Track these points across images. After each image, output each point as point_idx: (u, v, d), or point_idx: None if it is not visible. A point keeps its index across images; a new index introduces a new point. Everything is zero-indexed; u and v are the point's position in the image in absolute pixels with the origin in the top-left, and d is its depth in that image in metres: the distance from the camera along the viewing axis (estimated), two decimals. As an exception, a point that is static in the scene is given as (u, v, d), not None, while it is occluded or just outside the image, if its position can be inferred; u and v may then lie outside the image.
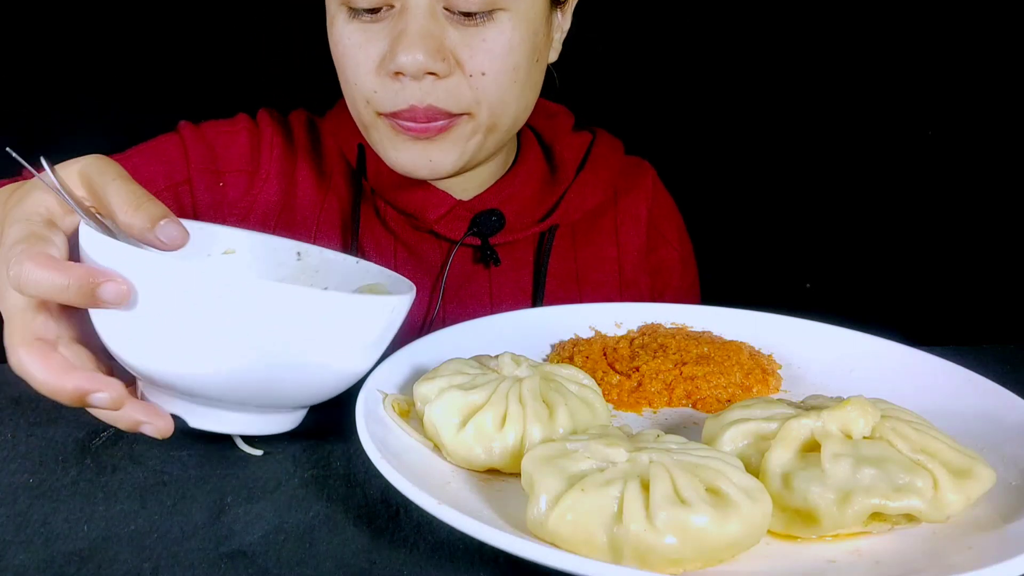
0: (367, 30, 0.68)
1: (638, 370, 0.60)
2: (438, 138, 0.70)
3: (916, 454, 0.43)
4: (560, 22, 0.77)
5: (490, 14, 0.67)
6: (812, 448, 0.44)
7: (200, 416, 0.51)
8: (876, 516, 0.41)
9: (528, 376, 0.51)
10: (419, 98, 0.68)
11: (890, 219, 1.45)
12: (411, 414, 0.53)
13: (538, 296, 0.82)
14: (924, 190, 1.44)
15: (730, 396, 0.59)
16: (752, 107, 1.42)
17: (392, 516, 0.47)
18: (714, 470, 0.41)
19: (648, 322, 0.69)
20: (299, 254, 0.63)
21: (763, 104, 1.42)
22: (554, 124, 0.88)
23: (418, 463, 0.48)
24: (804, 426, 0.44)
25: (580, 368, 0.57)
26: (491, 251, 0.80)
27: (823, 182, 1.44)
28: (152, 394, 0.51)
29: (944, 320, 1.36)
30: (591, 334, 0.68)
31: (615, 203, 0.89)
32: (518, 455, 0.46)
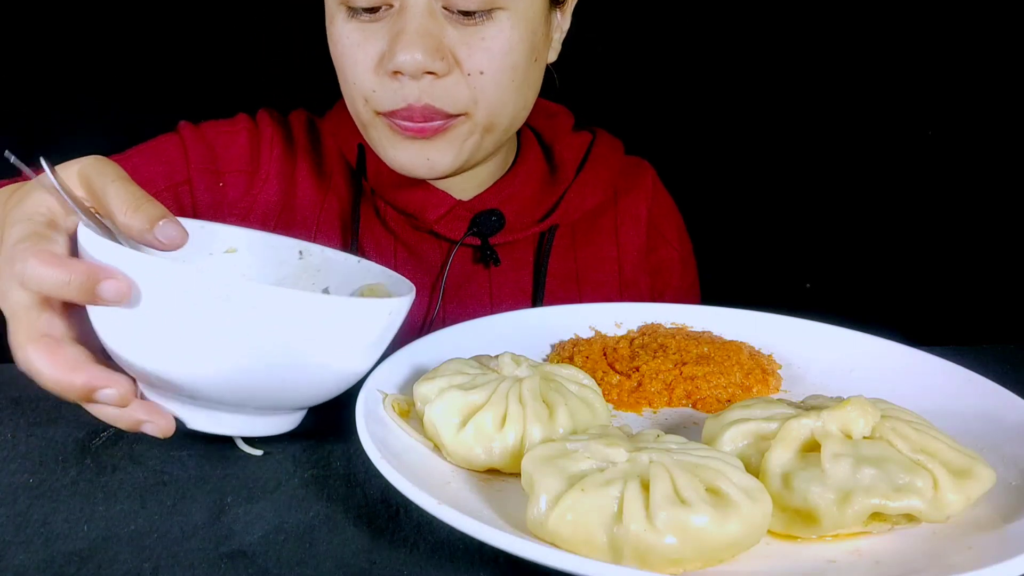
0: (366, 29, 0.68)
1: (638, 370, 0.60)
2: (435, 138, 0.70)
3: (916, 454, 0.43)
4: (559, 22, 0.77)
5: (489, 13, 0.67)
6: (812, 448, 0.44)
7: (199, 418, 0.51)
8: (876, 516, 0.41)
9: (528, 376, 0.51)
10: (416, 97, 0.68)
11: (890, 219, 1.45)
12: (411, 414, 0.53)
13: (538, 296, 0.82)
14: (924, 190, 1.44)
15: (730, 396, 0.59)
16: (752, 107, 1.42)
17: (392, 516, 0.47)
18: (714, 470, 0.41)
19: (648, 322, 0.69)
20: (301, 253, 0.63)
21: (763, 104, 1.42)
22: (554, 124, 0.88)
23: (418, 463, 0.48)
24: (804, 426, 0.44)
25: (580, 368, 0.57)
26: (491, 251, 0.80)
27: (823, 182, 1.44)
28: (151, 396, 0.51)
29: (944, 320, 1.36)
30: (591, 334, 0.68)
31: (615, 203, 0.89)
32: (518, 455, 0.46)
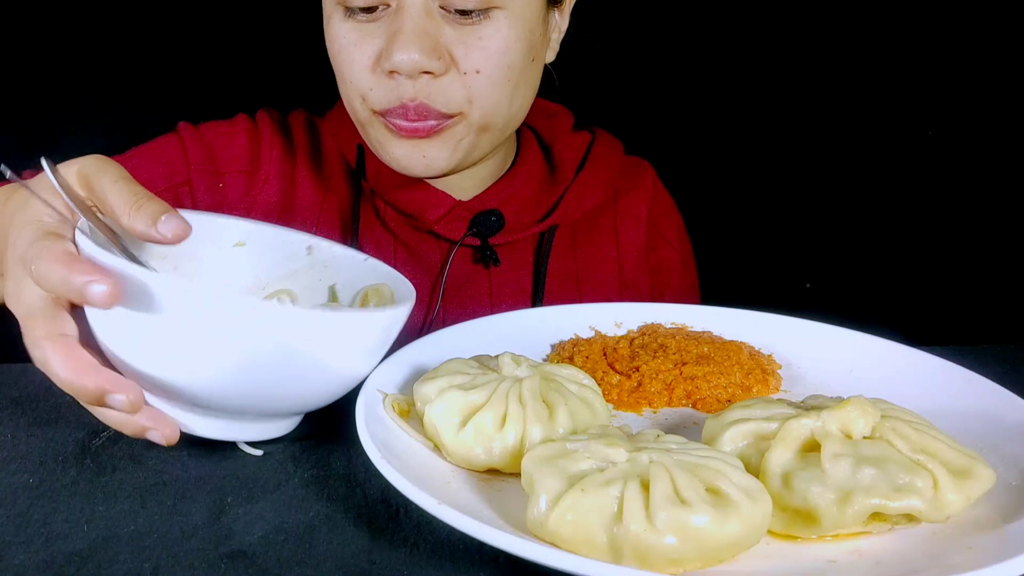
0: (362, 29, 0.68)
1: (638, 370, 0.60)
2: (431, 137, 0.70)
3: (916, 454, 0.43)
4: (558, 22, 0.77)
5: (486, 12, 0.67)
6: (812, 448, 0.44)
7: (197, 423, 0.51)
8: (876, 516, 0.41)
9: (528, 376, 0.51)
10: (411, 96, 0.68)
11: (890, 219, 1.45)
12: (411, 414, 0.53)
13: (538, 296, 0.82)
14: (924, 190, 1.44)
15: (730, 396, 0.59)
16: (752, 107, 1.42)
17: (392, 516, 0.47)
18: (714, 470, 0.41)
19: (648, 322, 0.69)
20: (309, 248, 0.63)
21: (763, 104, 1.42)
22: (554, 124, 0.88)
23: (418, 463, 0.48)
24: (804, 426, 0.44)
25: (580, 368, 0.57)
26: (491, 251, 0.80)
27: (823, 182, 1.44)
28: (150, 401, 0.51)
29: (944, 320, 1.35)
30: (591, 334, 0.68)
31: (615, 203, 0.89)
32: (518, 455, 0.46)
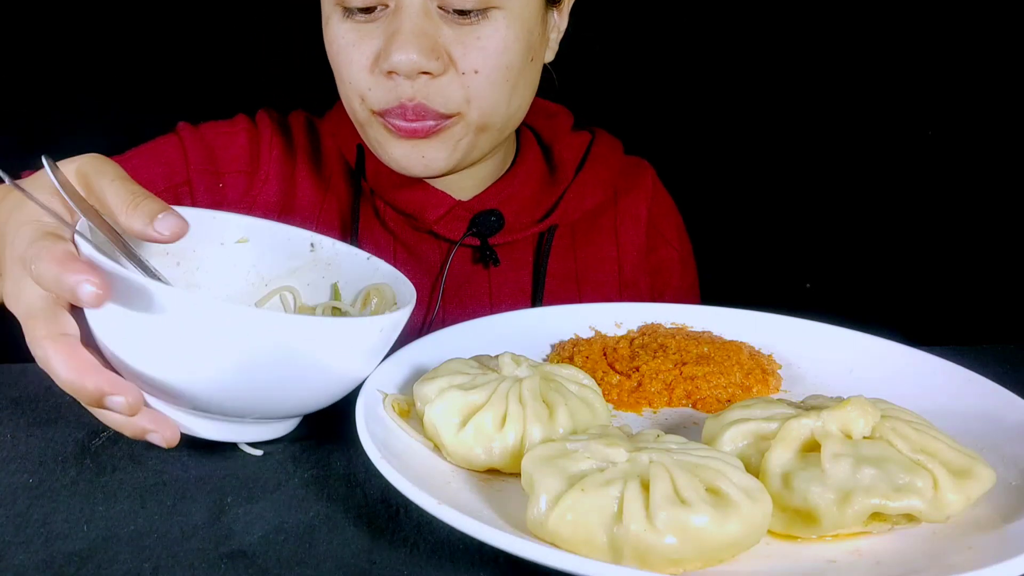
0: (361, 29, 0.69)
1: (638, 370, 0.60)
2: (430, 137, 0.70)
3: (916, 454, 0.43)
4: (557, 22, 0.77)
5: (484, 12, 0.67)
6: (812, 448, 0.44)
7: (197, 424, 0.51)
8: (876, 516, 0.41)
9: (528, 376, 0.51)
10: (410, 96, 0.68)
11: (890, 219, 1.45)
12: (411, 414, 0.53)
13: (537, 296, 0.82)
14: (924, 190, 1.44)
15: (730, 396, 0.59)
16: (752, 107, 1.42)
17: (392, 516, 0.47)
18: (714, 470, 0.41)
19: (648, 322, 0.69)
20: (312, 245, 0.63)
21: (763, 104, 1.42)
22: (553, 124, 0.88)
23: (418, 463, 0.48)
24: (804, 426, 0.44)
25: (580, 368, 0.57)
26: (490, 251, 0.80)
27: (823, 182, 1.44)
28: (151, 402, 0.51)
29: (944, 320, 1.35)
30: (591, 334, 0.68)
31: (615, 203, 0.89)
32: (518, 455, 0.46)
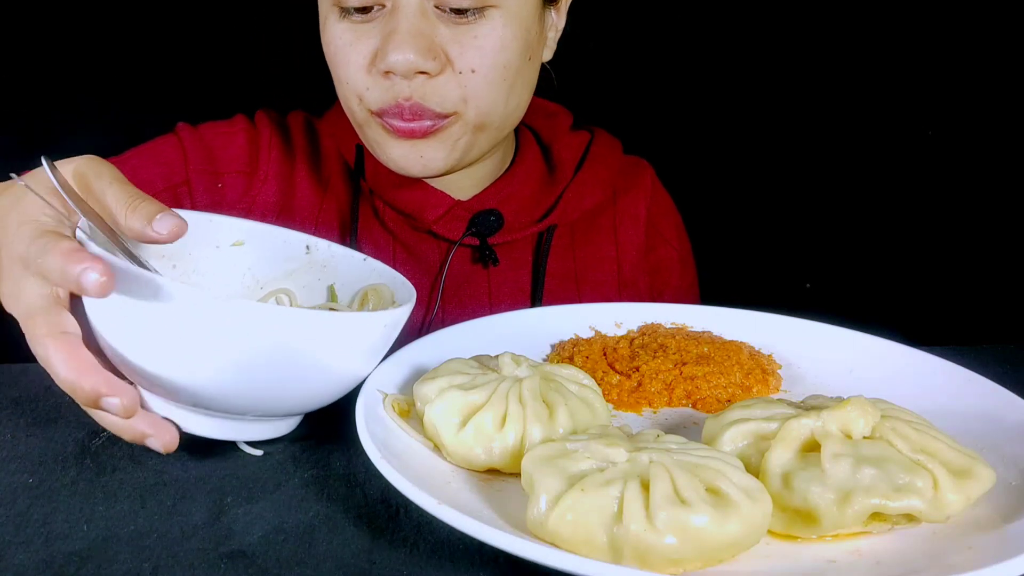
0: (358, 29, 0.68)
1: (638, 370, 0.60)
2: (428, 137, 0.70)
3: (916, 454, 0.43)
4: (554, 21, 0.77)
5: (481, 11, 0.67)
6: (812, 448, 0.44)
7: (198, 423, 0.51)
8: (876, 516, 0.41)
9: (528, 376, 0.51)
10: (407, 95, 0.68)
11: (890, 219, 1.45)
12: (411, 414, 0.53)
13: (537, 296, 0.82)
14: (924, 190, 1.44)
15: (730, 396, 0.59)
16: (751, 106, 1.42)
17: (392, 516, 0.47)
18: (714, 470, 0.41)
19: (648, 322, 0.69)
20: (308, 248, 0.63)
21: (762, 103, 1.42)
22: (552, 124, 0.88)
23: (418, 463, 0.48)
24: (804, 426, 0.44)
25: (580, 368, 0.57)
26: (490, 251, 0.80)
27: (823, 182, 1.44)
28: (151, 400, 0.51)
29: (944, 320, 1.35)
30: (591, 334, 0.68)
31: (614, 202, 0.89)
32: (518, 455, 0.46)
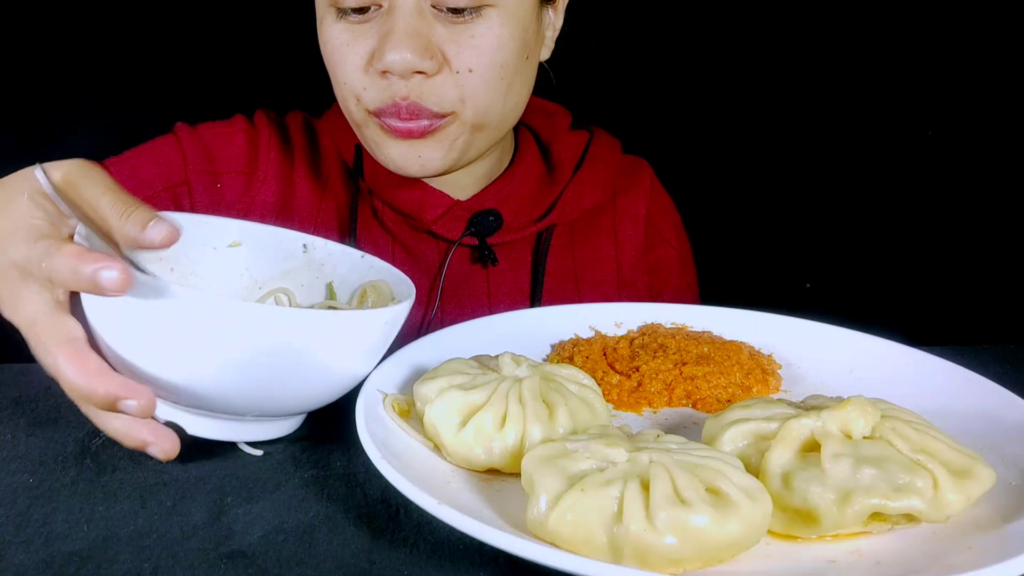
0: (355, 30, 0.68)
1: (638, 370, 0.60)
2: (426, 137, 0.70)
3: (916, 454, 0.43)
4: (552, 19, 0.77)
5: (478, 10, 0.67)
6: (812, 448, 0.44)
7: (200, 424, 0.51)
8: (876, 516, 0.41)
9: (528, 376, 0.51)
10: (404, 95, 0.68)
11: (890, 219, 1.45)
12: (411, 414, 0.53)
13: (536, 296, 0.82)
14: (924, 190, 1.43)
15: (730, 396, 0.59)
16: (751, 106, 1.42)
17: (392, 516, 0.47)
18: (714, 470, 0.41)
19: (648, 322, 0.69)
20: (305, 246, 0.63)
21: (762, 103, 1.42)
22: (551, 123, 0.88)
23: (418, 463, 0.48)
24: (804, 426, 0.44)
25: (580, 368, 0.57)
26: (489, 251, 0.80)
27: (823, 182, 1.44)
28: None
29: (944, 320, 1.35)
30: (591, 334, 0.68)
31: (613, 202, 0.89)
32: (518, 455, 0.46)
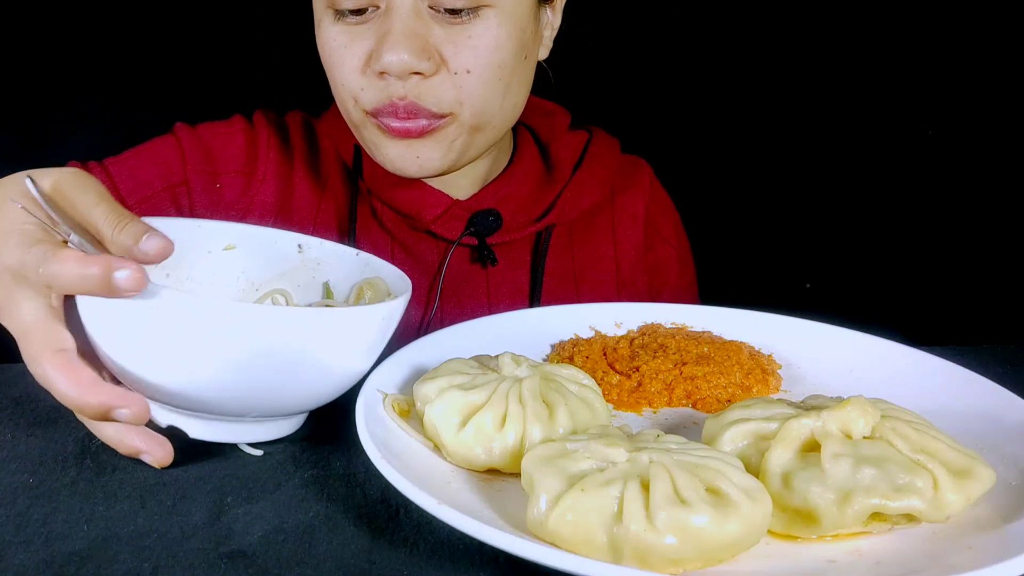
0: (352, 31, 0.68)
1: (638, 370, 0.60)
2: (424, 137, 0.70)
3: (916, 454, 0.43)
4: (550, 19, 0.77)
5: (476, 11, 0.67)
6: (812, 448, 0.44)
7: (201, 427, 0.51)
8: (876, 516, 0.41)
9: (528, 376, 0.51)
10: (401, 95, 0.68)
11: (890, 219, 1.45)
12: (411, 414, 0.53)
13: (535, 296, 0.82)
14: (924, 190, 1.43)
15: (730, 396, 0.59)
16: (750, 105, 1.42)
17: (392, 516, 0.47)
18: (714, 470, 0.41)
19: (648, 322, 0.69)
20: (300, 247, 0.63)
21: (761, 102, 1.42)
22: (550, 123, 0.88)
23: (418, 463, 0.48)
24: (804, 426, 0.44)
25: (580, 368, 0.57)
26: (488, 251, 0.80)
27: (823, 182, 1.44)
28: (153, 408, 0.51)
29: (944, 320, 1.35)
30: (591, 334, 0.68)
31: (612, 202, 0.89)
32: (518, 455, 0.46)
